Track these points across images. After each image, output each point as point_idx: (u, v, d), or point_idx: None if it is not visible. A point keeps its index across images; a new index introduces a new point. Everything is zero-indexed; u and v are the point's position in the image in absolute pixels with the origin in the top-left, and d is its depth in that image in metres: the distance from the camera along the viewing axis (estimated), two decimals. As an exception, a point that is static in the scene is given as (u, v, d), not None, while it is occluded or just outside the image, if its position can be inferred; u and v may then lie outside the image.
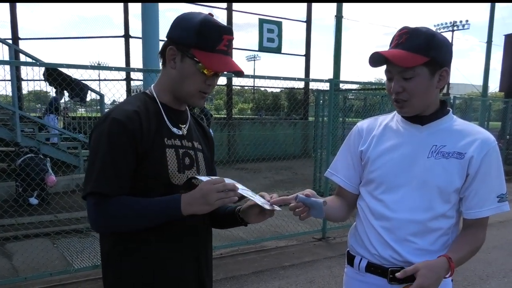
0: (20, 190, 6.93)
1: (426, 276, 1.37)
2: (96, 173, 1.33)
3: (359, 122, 1.77)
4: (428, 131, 1.53)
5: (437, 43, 1.44)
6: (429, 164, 1.49)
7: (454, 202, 1.51)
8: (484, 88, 15.03)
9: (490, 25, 14.49)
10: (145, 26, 5.11)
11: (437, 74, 1.47)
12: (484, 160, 1.46)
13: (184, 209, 1.31)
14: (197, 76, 1.42)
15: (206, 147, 1.64)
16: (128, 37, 13.03)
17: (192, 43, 1.39)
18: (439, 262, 1.41)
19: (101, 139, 1.35)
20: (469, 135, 1.50)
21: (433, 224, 1.50)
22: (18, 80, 8.67)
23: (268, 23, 13.96)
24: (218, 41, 1.39)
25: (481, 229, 1.53)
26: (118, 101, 8.60)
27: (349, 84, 9.98)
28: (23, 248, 4.68)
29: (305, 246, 5.49)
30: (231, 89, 15.02)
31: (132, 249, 1.42)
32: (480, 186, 1.47)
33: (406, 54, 1.42)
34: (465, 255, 1.49)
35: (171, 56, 1.44)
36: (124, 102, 1.50)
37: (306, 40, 15.74)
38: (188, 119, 1.57)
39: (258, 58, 57.83)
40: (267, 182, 10.04)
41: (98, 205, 1.32)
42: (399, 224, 1.52)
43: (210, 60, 1.39)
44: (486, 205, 1.48)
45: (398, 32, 1.48)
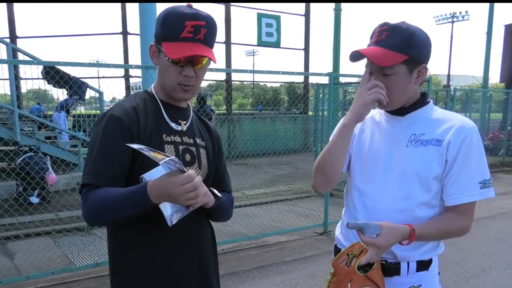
0: (20, 189, 6.92)
1: (385, 236, 1.38)
2: (89, 166, 1.36)
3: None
4: (408, 121, 1.55)
5: (417, 41, 1.44)
6: (408, 152, 1.50)
7: (436, 191, 1.50)
8: (485, 79, 14.99)
9: (490, 16, 14.42)
10: (143, 22, 5.09)
11: (415, 71, 1.49)
12: (463, 145, 1.45)
13: (154, 200, 1.25)
14: (171, 68, 1.40)
15: (210, 144, 1.62)
16: (126, 34, 12.99)
17: (161, 36, 1.39)
18: (401, 228, 1.42)
19: (98, 134, 1.39)
20: (447, 122, 1.51)
21: (416, 213, 1.50)
22: (16, 79, 8.64)
23: (267, 18, 13.90)
24: (181, 29, 1.35)
25: (464, 216, 1.50)
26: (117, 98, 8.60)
27: (348, 78, 9.94)
28: (25, 247, 4.68)
29: (307, 241, 5.48)
30: (230, 84, 14.98)
31: (134, 246, 1.44)
32: (460, 172, 1.46)
33: (385, 53, 1.43)
34: (431, 233, 1.47)
35: (153, 53, 1.46)
36: (124, 100, 1.52)
37: (305, 34, 15.68)
38: (190, 116, 1.56)
39: (257, 53, 57.86)
40: (267, 177, 10.04)
41: (84, 196, 1.34)
42: (381, 214, 1.52)
43: (172, 49, 1.36)
44: (467, 191, 1.46)
45: (379, 28, 1.48)
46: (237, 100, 44.34)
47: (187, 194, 1.19)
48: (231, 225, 5.64)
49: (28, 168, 6.74)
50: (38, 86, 13.74)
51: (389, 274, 1.52)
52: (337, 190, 8.07)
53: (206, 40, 1.39)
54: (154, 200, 1.24)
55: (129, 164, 1.38)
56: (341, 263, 1.47)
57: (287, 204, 7.40)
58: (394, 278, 1.53)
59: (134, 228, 1.42)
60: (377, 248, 1.39)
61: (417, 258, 1.54)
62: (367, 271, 1.41)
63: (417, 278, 1.55)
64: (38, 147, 7.55)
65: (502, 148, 12.61)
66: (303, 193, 8.19)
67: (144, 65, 4.65)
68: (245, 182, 8.16)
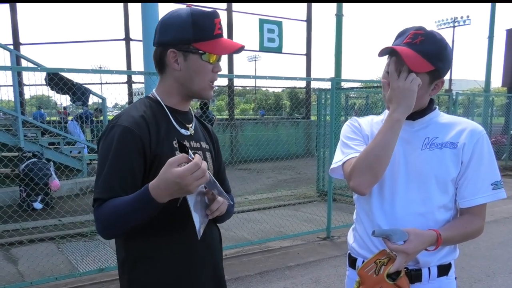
0: (24, 195, 6.94)
1: (413, 242, 1.38)
2: (101, 180, 1.33)
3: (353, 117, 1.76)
4: (420, 126, 1.56)
5: (446, 56, 1.46)
6: (424, 155, 1.51)
7: (452, 193, 1.52)
8: (487, 83, 14.96)
9: (492, 20, 14.43)
10: (146, 28, 5.12)
11: (434, 83, 1.50)
12: (476, 147, 1.48)
13: (162, 199, 1.24)
14: (205, 68, 1.43)
15: (212, 146, 1.64)
16: (129, 40, 13.06)
17: (191, 38, 1.39)
18: (428, 234, 1.42)
19: (110, 147, 1.35)
20: (458, 125, 1.54)
21: (435, 216, 1.51)
22: (20, 85, 8.70)
23: (269, 23, 13.95)
24: (213, 27, 1.41)
25: (478, 217, 1.52)
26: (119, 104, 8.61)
27: (351, 83, 9.96)
28: (28, 253, 4.69)
29: (310, 246, 5.48)
30: (233, 90, 15.03)
31: (151, 255, 1.42)
32: (474, 174, 1.48)
33: (417, 58, 1.42)
34: (454, 236, 1.48)
35: (173, 58, 1.42)
36: (130, 108, 1.47)
37: (307, 39, 15.73)
38: (193, 119, 1.57)
39: (259, 58, 58.00)
40: (270, 182, 10.04)
41: (96, 211, 1.33)
42: (400, 218, 1.51)
43: (214, 47, 1.40)
44: (480, 193, 1.49)
45: (414, 31, 1.46)
46: (239, 105, 44.43)
47: (197, 181, 1.19)
48: (234, 230, 5.64)
49: (32, 174, 6.77)
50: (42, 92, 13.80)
51: (411, 281, 1.49)
52: (340, 195, 8.09)
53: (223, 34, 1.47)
54: (162, 199, 1.23)
55: (141, 177, 1.37)
56: (368, 271, 1.45)
57: (290, 209, 7.40)
58: (415, 285, 1.52)
59: (149, 236, 1.41)
60: (405, 255, 1.38)
61: (437, 262, 1.53)
62: (395, 279, 1.40)
63: (437, 284, 1.55)
64: (42, 153, 7.59)
65: (505, 152, 12.58)
66: (306, 198, 8.19)
67: (147, 71, 4.67)
68: (248, 187, 8.17)
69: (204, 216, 1.38)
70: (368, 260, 1.48)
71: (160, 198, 1.23)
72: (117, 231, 1.35)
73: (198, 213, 1.35)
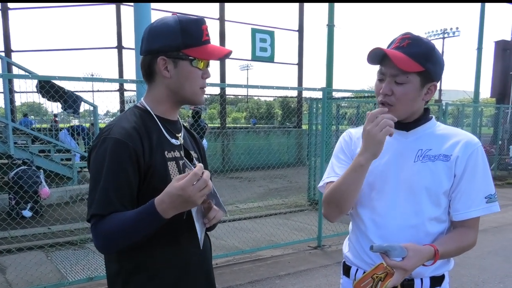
0: (13, 203, 6.87)
1: (411, 259, 1.37)
2: (98, 195, 1.31)
3: (348, 129, 1.77)
4: (414, 137, 1.55)
5: (435, 57, 1.47)
6: (416, 168, 1.50)
7: (445, 206, 1.52)
8: (476, 94, 15.16)
9: (481, 32, 14.68)
10: (138, 37, 5.13)
11: (426, 86, 1.50)
12: (470, 160, 1.48)
13: (167, 214, 1.26)
14: (195, 74, 1.43)
15: (199, 154, 1.64)
16: (121, 48, 13.06)
17: (181, 45, 1.40)
18: (426, 250, 1.41)
19: (103, 160, 1.33)
20: (453, 137, 1.53)
21: (427, 228, 1.50)
22: (11, 93, 8.64)
23: (261, 33, 14.05)
24: (201, 33, 1.42)
25: (472, 230, 1.53)
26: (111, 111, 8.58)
27: (342, 92, 10.04)
28: (17, 262, 4.64)
29: (301, 255, 5.48)
30: (225, 99, 15.06)
31: (141, 270, 1.40)
32: (467, 187, 1.48)
33: (405, 58, 1.44)
34: (451, 250, 1.49)
35: (163, 66, 1.42)
36: (120, 119, 1.44)
37: (299, 49, 15.85)
38: (182, 128, 1.57)
39: (251, 67, 58.18)
40: (261, 191, 10.04)
41: (95, 227, 1.31)
42: (391, 230, 1.52)
43: (203, 53, 1.42)
44: (474, 206, 1.49)
45: (401, 36, 1.49)
46: (231, 114, 44.46)
47: (200, 192, 1.20)
48: (224, 239, 5.63)
49: (21, 182, 6.71)
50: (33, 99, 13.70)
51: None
52: (331, 204, 8.10)
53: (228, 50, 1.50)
54: (167, 214, 1.24)
55: (137, 188, 1.36)
56: (365, 286, 1.44)
57: (281, 217, 7.40)
58: None
59: (145, 249, 1.39)
60: (403, 271, 1.37)
61: (430, 274, 1.53)
62: None
63: None
64: (32, 160, 7.52)
65: (494, 162, 12.72)
66: (297, 206, 8.20)
67: (139, 80, 4.67)
68: (239, 195, 8.16)
69: (202, 225, 1.39)
70: (365, 274, 1.47)
71: (165, 213, 1.23)
72: (119, 246, 1.33)
73: (199, 222, 1.36)
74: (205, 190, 1.21)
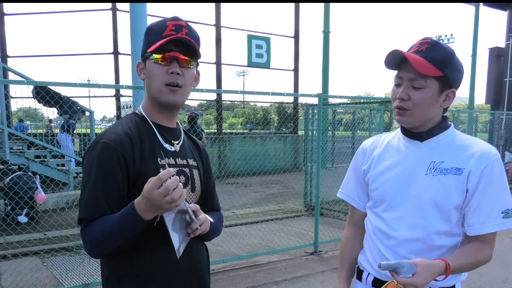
0: (8, 208, 6.84)
1: (421, 274, 1.34)
2: (85, 199, 1.34)
3: (364, 140, 1.76)
4: (427, 148, 1.51)
5: (454, 63, 1.44)
6: (427, 181, 1.47)
7: (456, 220, 1.46)
8: (471, 100, 15.28)
9: (475, 39, 14.81)
10: (134, 43, 5.15)
11: (444, 93, 1.46)
12: (484, 174, 1.41)
13: (145, 215, 1.25)
14: (157, 69, 1.40)
15: (200, 163, 1.61)
16: (117, 54, 13.07)
17: (145, 45, 1.43)
18: (436, 264, 1.37)
19: (92, 164, 1.35)
20: (469, 149, 1.46)
21: (435, 242, 1.47)
22: (6, 98, 8.62)
23: (257, 39, 14.11)
24: (163, 30, 1.40)
25: (487, 245, 1.47)
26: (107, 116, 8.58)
27: (337, 99, 10.09)
28: (12, 268, 4.61)
29: (297, 261, 5.48)
30: (221, 105, 15.08)
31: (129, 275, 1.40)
32: (480, 201, 1.42)
33: (424, 62, 1.40)
34: (463, 265, 1.43)
35: (140, 70, 1.48)
36: (115, 124, 1.47)
37: (295, 55, 15.90)
38: (181, 136, 1.55)
39: (247, 73, 58.35)
40: (258, 197, 10.04)
41: (83, 232, 1.34)
42: (399, 243, 1.51)
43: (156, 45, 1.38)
44: (489, 221, 1.42)
45: (420, 41, 1.46)
46: (227, 119, 44.49)
47: (164, 198, 1.17)
48: (221, 245, 5.62)
49: (17, 187, 6.69)
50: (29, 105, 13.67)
51: None
52: (327, 209, 8.12)
53: (186, 35, 1.41)
54: (146, 215, 1.24)
55: (126, 193, 1.37)
56: None
57: (278, 223, 7.40)
58: None
59: (133, 254, 1.39)
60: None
61: (439, 284, 1.46)
62: None
63: None
64: (28, 166, 7.50)
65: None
66: (294, 212, 8.20)
67: (135, 86, 4.69)
68: (236, 201, 8.16)
69: (185, 235, 1.36)
70: None
71: (143, 214, 1.24)
72: (106, 250, 1.34)
73: (177, 232, 1.32)
74: (167, 198, 1.17)
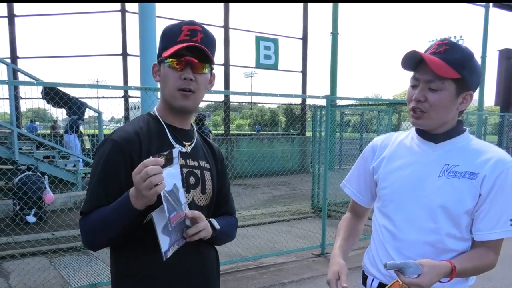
0: (17, 208, 6.90)
1: (427, 275, 1.32)
2: (89, 193, 1.38)
3: (375, 137, 1.75)
4: (442, 150, 1.49)
5: (472, 65, 1.42)
6: (439, 183, 1.44)
7: (466, 224, 1.45)
8: (480, 102, 15.17)
9: (484, 40, 14.70)
10: (143, 44, 5.17)
11: (461, 95, 1.45)
12: (498, 180, 1.39)
13: (135, 203, 1.25)
14: (170, 74, 1.41)
15: (214, 165, 1.61)
16: (126, 55, 13.14)
17: (160, 48, 1.44)
18: (443, 265, 1.36)
19: (99, 161, 1.39)
20: (484, 154, 1.44)
21: (446, 246, 1.45)
22: (16, 99, 8.70)
23: (265, 41, 14.10)
24: (178, 34, 1.39)
25: (493, 251, 1.46)
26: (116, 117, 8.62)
27: (345, 100, 10.06)
28: (20, 267, 4.65)
29: (304, 262, 5.46)
30: (229, 106, 15.10)
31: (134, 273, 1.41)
32: (491, 207, 1.41)
33: (442, 63, 1.39)
34: (468, 269, 1.41)
35: (156, 71, 1.49)
36: (128, 123, 1.51)
37: (303, 56, 15.88)
38: (195, 138, 1.55)
39: (255, 74, 58.42)
40: (265, 198, 10.03)
41: (81, 222, 1.38)
42: (407, 245, 1.49)
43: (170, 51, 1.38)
44: (496, 227, 1.41)
45: (438, 42, 1.45)
46: (235, 120, 44.54)
47: (144, 182, 1.17)
48: (228, 246, 5.61)
49: (26, 187, 6.74)
50: (38, 105, 13.80)
51: None
52: (335, 211, 8.08)
53: (203, 44, 1.40)
54: (137, 203, 1.24)
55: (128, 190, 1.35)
56: None
57: (285, 225, 7.38)
58: None
59: (134, 254, 1.41)
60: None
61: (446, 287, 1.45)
62: None
63: None
64: (36, 166, 7.56)
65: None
66: (301, 214, 8.18)
67: (143, 87, 4.71)
68: (243, 202, 8.16)
69: (180, 237, 1.34)
70: None
71: (134, 201, 1.25)
72: (102, 240, 1.37)
73: (168, 234, 1.29)
74: (146, 182, 1.16)
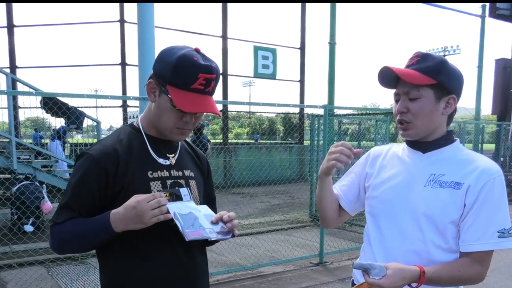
0: (15, 218, 6.88)
1: (390, 277, 1.33)
2: (64, 204, 1.39)
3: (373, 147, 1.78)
4: (429, 159, 1.50)
5: (446, 70, 1.45)
6: (425, 193, 1.45)
7: (452, 235, 1.44)
8: (477, 111, 15.25)
9: (481, 50, 14.82)
10: (142, 54, 5.20)
11: (443, 100, 1.47)
12: (483, 191, 1.38)
13: (117, 227, 1.31)
14: (172, 113, 1.39)
15: (199, 172, 1.61)
16: (125, 65, 13.20)
17: (168, 79, 1.36)
18: (410, 270, 1.36)
19: (75, 173, 1.40)
20: (471, 164, 1.44)
21: (433, 257, 1.45)
22: (15, 109, 8.70)
23: (263, 50, 14.18)
24: (193, 80, 1.34)
25: (478, 264, 1.42)
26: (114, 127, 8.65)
27: (343, 110, 10.11)
28: (17, 277, 4.62)
29: (303, 271, 5.45)
30: (227, 115, 15.14)
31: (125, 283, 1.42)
32: (476, 218, 1.39)
33: (413, 73, 1.43)
34: (443, 277, 1.39)
35: (151, 89, 1.43)
36: (107, 137, 1.49)
37: (301, 66, 15.97)
38: (178, 148, 1.55)
39: (253, 84, 58.64)
40: (263, 207, 10.02)
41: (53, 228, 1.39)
42: (394, 254, 1.49)
43: (182, 99, 1.34)
44: (483, 239, 1.39)
45: (411, 56, 1.50)
46: (233, 129, 44.57)
47: (152, 210, 1.27)
48: (226, 255, 5.61)
49: (24, 197, 6.73)
50: (36, 115, 13.81)
51: None
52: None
53: (213, 92, 1.41)
54: (118, 226, 1.30)
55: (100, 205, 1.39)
56: None
57: (283, 234, 7.37)
58: None
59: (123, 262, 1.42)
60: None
61: None
62: None
63: None
64: (34, 175, 7.54)
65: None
66: (299, 222, 8.17)
67: (142, 97, 4.73)
68: (241, 211, 8.15)
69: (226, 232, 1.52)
70: None
71: (116, 224, 1.29)
72: (72, 250, 1.45)
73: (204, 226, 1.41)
74: (156, 211, 1.28)
